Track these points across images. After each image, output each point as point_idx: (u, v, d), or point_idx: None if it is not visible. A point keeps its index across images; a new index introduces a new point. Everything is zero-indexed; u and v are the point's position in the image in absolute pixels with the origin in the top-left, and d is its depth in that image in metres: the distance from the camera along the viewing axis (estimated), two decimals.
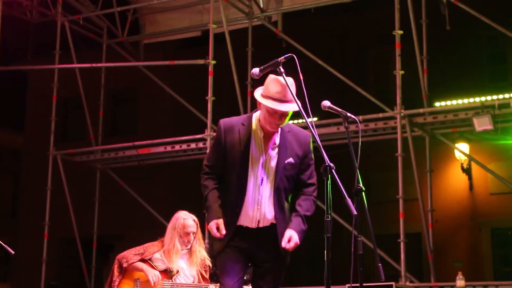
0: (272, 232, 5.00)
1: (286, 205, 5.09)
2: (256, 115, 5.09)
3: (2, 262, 24.25)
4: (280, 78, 4.85)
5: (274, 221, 5.01)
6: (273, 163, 5.02)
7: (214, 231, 4.92)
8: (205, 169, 5.16)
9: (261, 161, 5.02)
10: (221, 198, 5.05)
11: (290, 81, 4.83)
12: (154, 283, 6.72)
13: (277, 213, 5.01)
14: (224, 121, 5.15)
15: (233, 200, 5.03)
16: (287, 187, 5.05)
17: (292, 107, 4.87)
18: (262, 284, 5.10)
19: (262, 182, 5.01)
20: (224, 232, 4.92)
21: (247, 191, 5.02)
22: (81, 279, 15.10)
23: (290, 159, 5.01)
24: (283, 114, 4.92)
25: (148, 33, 16.34)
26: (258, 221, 5.02)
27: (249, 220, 5.02)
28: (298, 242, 4.88)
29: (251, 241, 5.06)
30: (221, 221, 4.94)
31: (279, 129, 5.03)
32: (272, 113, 4.91)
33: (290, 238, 4.85)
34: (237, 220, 5.02)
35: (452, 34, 14.22)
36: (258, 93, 4.99)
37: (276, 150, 5.03)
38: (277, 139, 5.04)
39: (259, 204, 5.01)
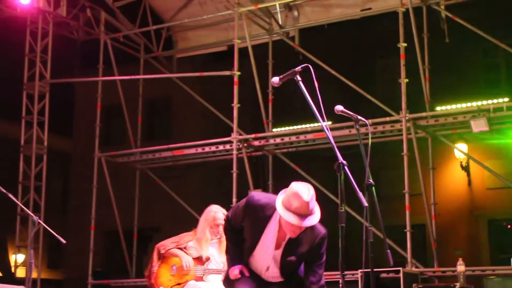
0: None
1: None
2: (278, 213, 4.63)
3: (55, 251, 24.40)
4: (302, 192, 4.48)
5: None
6: (279, 257, 4.79)
7: (236, 273, 4.86)
8: (227, 222, 5.04)
9: (269, 252, 4.79)
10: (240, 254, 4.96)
11: (312, 196, 4.51)
12: (187, 267, 6.74)
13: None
14: (250, 202, 4.78)
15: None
16: (290, 274, 4.90)
17: (312, 220, 4.53)
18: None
19: (268, 269, 4.87)
20: (247, 274, 4.87)
21: (253, 271, 4.93)
22: (123, 266, 15.16)
23: (292, 258, 4.76)
24: (301, 228, 4.58)
25: (180, 48, 16.39)
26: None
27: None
28: None
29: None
30: (244, 267, 4.89)
31: None
32: (292, 225, 4.54)
33: None
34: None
35: (451, 46, 14.13)
36: (279, 201, 4.59)
37: (284, 245, 4.74)
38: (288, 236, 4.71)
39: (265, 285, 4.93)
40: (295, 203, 4.48)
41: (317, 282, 4.82)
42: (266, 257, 4.82)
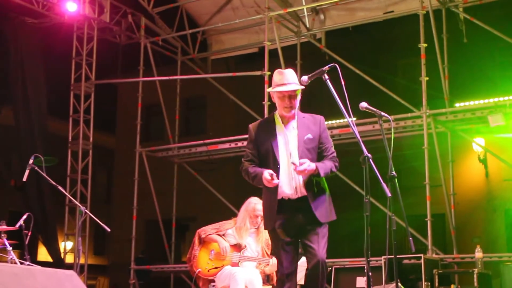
0: (307, 202, 4.98)
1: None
2: (276, 112, 5.20)
3: (101, 239, 24.67)
4: (281, 69, 5.15)
5: (305, 193, 4.98)
6: (295, 140, 5.05)
7: (269, 178, 4.88)
8: (243, 162, 5.30)
9: (286, 142, 5.06)
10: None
11: (290, 70, 5.12)
12: (224, 253, 6.77)
13: (307, 180, 4.98)
14: (252, 125, 5.32)
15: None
16: (310, 158, 5.00)
17: (293, 86, 5.02)
18: (309, 243, 5.00)
19: (291, 156, 5.03)
20: (277, 180, 4.90)
21: (281, 167, 5.02)
22: (163, 253, 15.26)
23: (309, 135, 5.05)
24: (290, 96, 5.04)
25: (215, 50, 16.41)
26: (296, 188, 5.00)
27: (288, 190, 5.01)
28: (310, 169, 4.82)
29: (293, 211, 5.02)
30: (272, 171, 4.92)
31: (296, 116, 5.10)
32: (281, 97, 5.06)
33: (303, 164, 4.83)
34: (278, 194, 5.02)
35: (469, 46, 13.97)
36: (270, 89, 5.20)
37: (296, 130, 5.08)
38: (294, 123, 5.11)
39: (293, 174, 4.99)
40: (276, 78, 5.11)
41: (335, 158, 5.09)
42: (286, 146, 5.06)
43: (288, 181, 5.01)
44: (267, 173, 4.90)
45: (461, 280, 11.03)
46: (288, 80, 5.04)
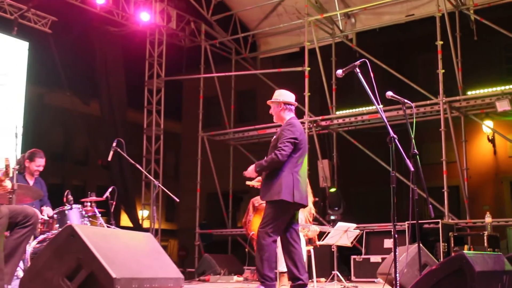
0: None
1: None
2: None
3: (171, 208, 25.03)
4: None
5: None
6: None
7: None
8: None
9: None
10: None
11: (279, 90, 5.84)
12: None
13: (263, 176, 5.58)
14: None
15: None
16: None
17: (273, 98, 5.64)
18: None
19: None
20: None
21: None
22: (221, 219, 15.40)
23: (274, 136, 5.52)
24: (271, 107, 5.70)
25: (263, 50, 16.37)
26: None
27: None
28: (250, 169, 5.55)
29: None
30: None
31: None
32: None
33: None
34: None
35: (479, 43, 13.63)
36: None
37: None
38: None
39: None
40: None
41: (280, 149, 5.35)
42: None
43: None
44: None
45: (473, 241, 10.86)
46: (272, 98, 5.66)
